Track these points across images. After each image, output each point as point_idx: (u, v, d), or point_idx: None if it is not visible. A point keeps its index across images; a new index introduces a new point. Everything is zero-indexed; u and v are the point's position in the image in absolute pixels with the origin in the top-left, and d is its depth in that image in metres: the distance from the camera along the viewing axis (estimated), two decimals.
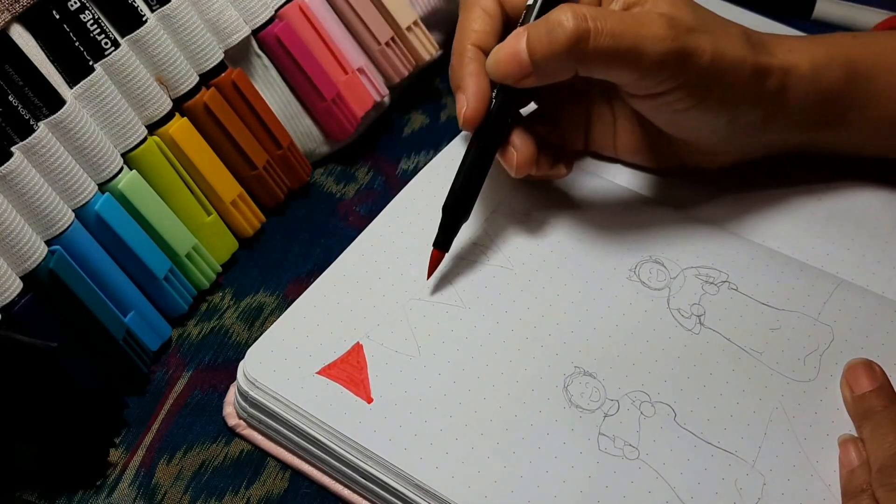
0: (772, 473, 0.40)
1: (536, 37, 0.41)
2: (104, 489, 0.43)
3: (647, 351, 0.44)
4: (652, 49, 0.41)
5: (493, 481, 0.39)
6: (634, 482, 0.40)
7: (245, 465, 0.44)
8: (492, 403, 0.42)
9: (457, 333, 0.44)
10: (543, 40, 0.41)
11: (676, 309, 0.45)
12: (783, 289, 0.46)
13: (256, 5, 0.52)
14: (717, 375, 0.43)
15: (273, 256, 0.52)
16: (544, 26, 0.41)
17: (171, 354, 0.48)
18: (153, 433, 0.45)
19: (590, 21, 0.41)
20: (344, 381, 0.42)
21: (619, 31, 0.41)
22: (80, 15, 0.45)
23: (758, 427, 0.42)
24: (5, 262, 0.42)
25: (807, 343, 0.44)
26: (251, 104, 0.51)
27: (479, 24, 0.45)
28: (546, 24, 0.41)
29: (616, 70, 0.43)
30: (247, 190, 0.52)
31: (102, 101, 0.46)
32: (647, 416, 0.42)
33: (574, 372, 0.43)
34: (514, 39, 0.42)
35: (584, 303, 0.45)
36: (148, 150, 0.47)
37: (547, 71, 0.42)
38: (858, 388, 0.42)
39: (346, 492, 0.42)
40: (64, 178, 0.44)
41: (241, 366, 0.43)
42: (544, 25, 0.41)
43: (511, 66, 0.42)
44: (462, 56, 0.45)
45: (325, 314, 0.44)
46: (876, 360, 0.43)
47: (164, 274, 0.47)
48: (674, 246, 0.48)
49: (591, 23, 0.41)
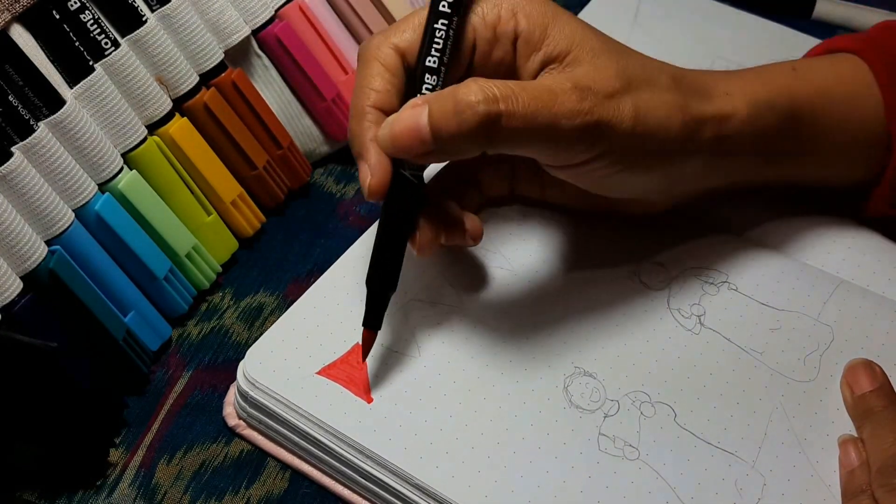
0: (772, 474, 0.40)
1: (442, 115, 0.37)
2: (104, 489, 0.43)
3: (648, 351, 0.44)
4: (566, 125, 0.38)
5: (494, 481, 0.39)
6: (634, 482, 0.40)
7: (245, 465, 0.44)
8: (492, 403, 0.42)
9: (457, 334, 0.44)
10: (451, 121, 0.37)
11: (676, 309, 0.45)
12: (783, 289, 0.46)
13: (256, 5, 0.52)
14: (717, 376, 0.43)
15: (273, 256, 0.52)
16: (452, 105, 0.37)
17: (171, 354, 0.48)
18: (153, 433, 0.45)
19: (501, 103, 0.37)
20: (344, 382, 0.42)
21: (532, 111, 0.38)
22: (80, 15, 0.45)
23: (758, 427, 0.42)
24: (5, 262, 0.41)
25: (807, 343, 0.44)
26: (251, 104, 0.51)
27: (378, 82, 0.40)
28: (454, 103, 0.37)
29: (529, 149, 0.40)
30: (247, 190, 0.52)
31: (102, 101, 0.46)
32: (647, 417, 0.42)
33: (574, 372, 0.43)
34: (413, 111, 0.38)
35: (583, 303, 0.45)
36: (148, 150, 0.47)
37: (451, 151, 0.39)
38: (858, 388, 0.42)
39: (346, 492, 0.42)
40: (64, 178, 0.44)
41: (240, 366, 0.43)
42: (452, 104, 0.37)
43: (411, 141, 0.38)
44: (361, 119, 0.40)
45: (325, 315, 0.44)
46: (876, 360, 0.43)
47: (164, 274, 0.47)
48: (674, 246, 0.48)
49: (502, 105, 0.37)
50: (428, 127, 0.38)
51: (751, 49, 0.60)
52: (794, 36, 0.62)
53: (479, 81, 0.38)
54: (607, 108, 0.39)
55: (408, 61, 0.41)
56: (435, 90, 0.40)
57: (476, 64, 0.42)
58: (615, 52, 0.41)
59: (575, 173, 0.42)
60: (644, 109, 0.40)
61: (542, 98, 0.38)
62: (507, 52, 0.42)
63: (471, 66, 0.42)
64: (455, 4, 0.40)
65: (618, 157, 0.41)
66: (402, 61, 0.41)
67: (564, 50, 0.40)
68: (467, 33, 0.41)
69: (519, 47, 0.41)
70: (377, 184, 0.39)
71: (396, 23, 0.42)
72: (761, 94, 0.44)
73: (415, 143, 0.38)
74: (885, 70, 0.46)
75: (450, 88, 0.38)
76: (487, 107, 0.37)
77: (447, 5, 0.40)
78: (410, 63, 0.41)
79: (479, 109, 0.37)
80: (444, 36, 0.40)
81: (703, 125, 0.42)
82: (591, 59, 0.40)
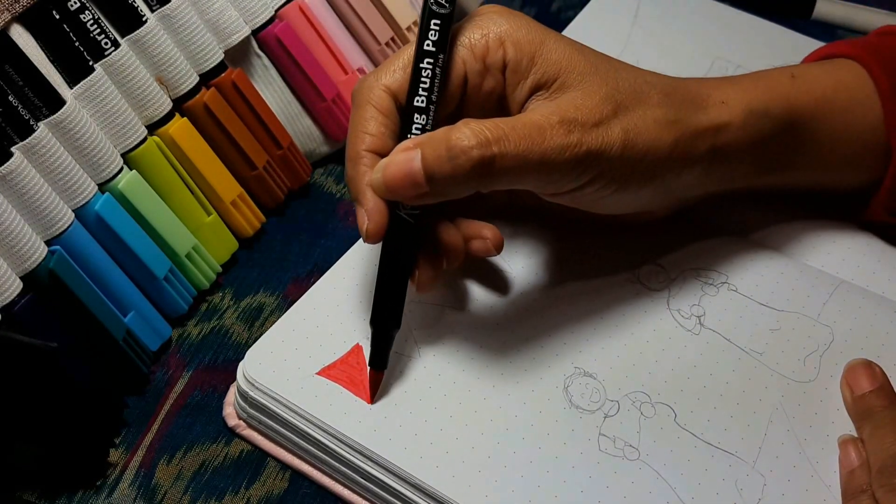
0: (772, 474, 0.40)
1: (435, 159, 0.38)
2: (104, 489, 0.43)
3: (648, 352, 0.44)
4: (556, 159, 0.39)
5: (494, 481, 0.39)
6: (635, 483, 0.40)
7: (245, 465, 0.44)
8: (492, 404, 0.42)
9: (457, 335, 0.44)
10: (445, 165, 0.38)
11: (676, 310, 0.45)
12: (783, 289, 0.46)
13: (256, 5, 0.51)
14: (717, 376, 0.43)
15: (273, 256, 0.52)
16: (445, 149, 0.38)
17: (171, 354, 0.48)
18: (153, 433, 0.45)
19: (494, 146, 0.38)
20: (344, 382, 0.42)
21: (523, 150, 0.38)
22: (80, 15, 0.45)
23: (758, 428, 0.42)
24: (5, 262, 0.41)
25: (807, 344, 0.44)
26: (251, 104, 0.51)
27: (373, 126, 0.41)
28: (447, 148, 0.38)
29: (521, 184, 0.40)
30: (247, 190, 0.52)
31: (102, 101, 0.46)
32: (647, 417, 0.42)
33: (574, 373, 0.43)
34: (406, 155, 0.38)
35: (584, 304, 0.45)
36: (148, 150, 0.47)
37: (446, 193, 0.39)
38: (858, 388, 0.42)
39: (345, 492, 0.42)
40: (64, 178, 0.44)
41: (240, 366, 0.43)
42: (445, 148, 0.38)
43: (404, 185, 0.38)
44: (357, 164, 0.41)
45: (325, 315, 0.44)
46: (876, 360, 0.43)
47: (164, 274, 0.47)
48: (673, 247, 0.48)
49: (495, 148, 0.38)
50: (422, 171, 0.38)
51: (751, 49, 0.60)
52: (793, 36, 0.62)
53: (472, 124, 0.38)
54: (595, 138, 0.40)
55: (400, 101, 0.41)
56: (425, 129, 0.40)
57: (469, 95, 0.42)
58: (603, 73, 0.41)
59: (570, 198, 0.42)
60: (634, 132, 0.40)
61: (531, 136, 0.38)
62: (498, 82, 0.42)
63: (463, 97, 0.42)
64: (439, 43, 0.40)
65: (610, 180, 0.41)
66: (394, 102, 0.41)
67: (552, 76, 0.41)
68: (457, 66, 0.41)
69: (508, 76, 0.42)
70: (374, 228, 0.40)
71: (386, 62, 0.42)
72: (758, 102, 0.44)
73: (408, 186, 0.38)
74: (885, 77, 0.45)
75: (442, 131, 0.38)
76: (481, 151, 0.38)
77: (431, 44, 0.40)
78: (402, 103, 0.41)
79: (473, 155, 0.38)
80: (431, 74, 0.40)
81: (699, 137, 0.42)
82: (578, 84, 0.40)
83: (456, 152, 0.38)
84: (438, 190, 0.39)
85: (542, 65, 0.41)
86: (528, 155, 0.38)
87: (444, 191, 0.39)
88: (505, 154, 0.38)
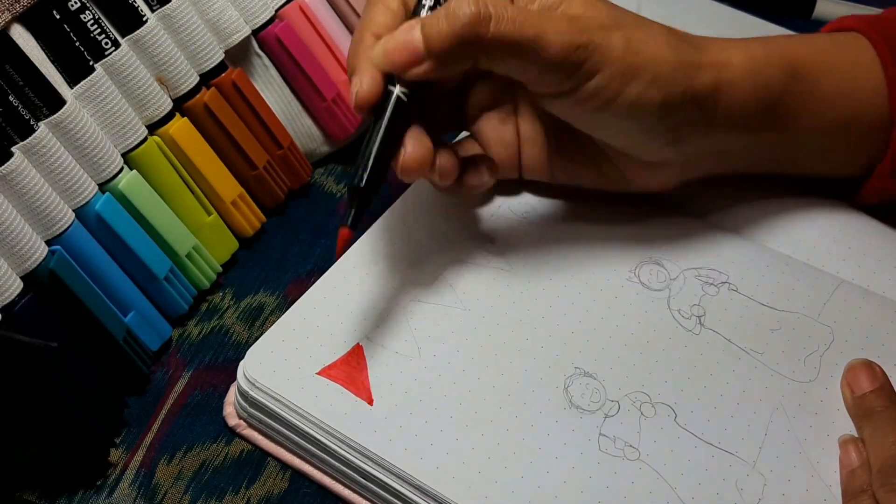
0: (772, 474, 0.40)
1: (433, 23, 0.39)
2: (104, 489, 0.43)
3: (648, 352, 0.44)
4: (555, 41, 0.40)
5: (494, 482, 0.39)
6: (635, 483, 0.40)
7: (245, 465, 0.44)
8: (492, 404, 0.42)
9: (457, 335, 0.44)
10: (442, 25, 0.39)
11: (676, 310, 0.45)
12: (783, 289, 0.46)
13: (256, 5, 0.52)
14: (718, 376, 0.43)
15: (273, 256, 0.52)
16: (443, 11, 0.40)
17: (172, 354, 0.48)
18: (153, 433, 0.45)
19: (491, 7, 0.39)
20: (344, 382, 0.42)
21: (522, 19, 0.39)
22: (80, 15, 0.45)
23: (758, 428, 0.42)
24: (6, 262, 0.41)
25: (807, 344, 0.44)
26: (251, 104, 0.51)
27: (381, 17, 0.42)
28: (445, 10, 0.40)
29: (517, 61, 0.41)
30: (247, 190, 0.52)
31: (103, 101, 0.46)
32: (647, 417, 0.42)
33: (574, 373, 0.43)
34: (407, 28, 0.40)
35: (584, 304, 0.45)
36: (148, 150, 0.47)
37: (442, 59, 0.40)
38: (859, 388, 0.42)
39: (346, 492, 0.42)
40: (64, 178, 0.44)
41: (241, 366, 0.43)
42: (443, 11, 0.40)
43: (404, 53, 0.40)
44: (360, 43, 0.42)
45: (326, 315, 0.44)
46: (876, 360, 0.43)
47: (165, 274, 0.47)
48: (673, 247, 0.48)
49: (492, 9, 0.39)
50: (420, 39, 0.39)
51: None
52: None
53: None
54: (597, 34, 0.40)
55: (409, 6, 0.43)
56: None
57: None
58: (608, 2, 0.42)
59: (569, 104, 0.42)
60: (636, 43, 0.41)
61: (530, 13, 0.40)
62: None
63: None
64: None
65: (609, 79, 0.41)
66: (404, 6, 0.43)
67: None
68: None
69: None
70: (364, 93, 0.40)
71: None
72: (759, 52, 0.44)
73: (407, 54, 0.40)
74: (888, 47, 0.46)
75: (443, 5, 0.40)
76: (477, 7, 0.39)
77: None
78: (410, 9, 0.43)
79: (468, 10, 0.39)
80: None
81: (699, 70, 0.42)
82: (583, 4, 0.41)
83: (451, 10, 0.39)
84: (436, 56, 0.40)
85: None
86: (526, 24, 0.39)
87: (440, 58, 0.40)
88: (501, 17, 0.39)
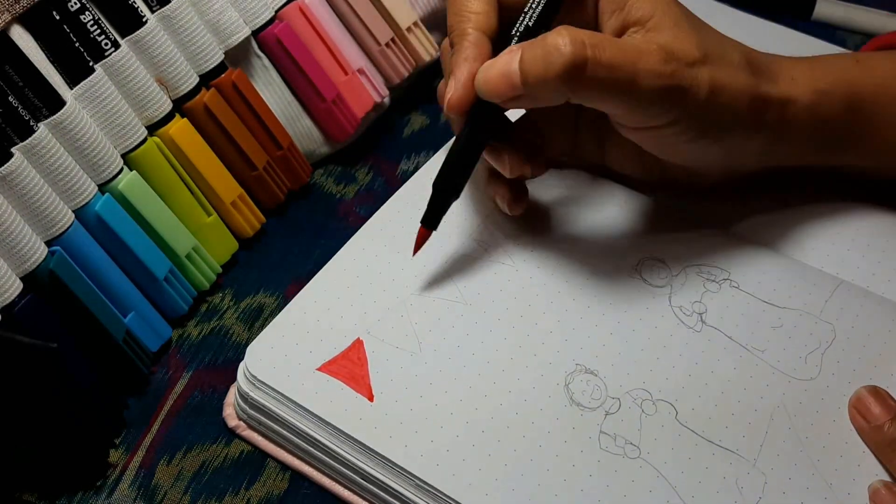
0: (773, 472, 0.40)
1: (531, 59, 0.40)
2: (104, 489, 0.43)
3: (649, 349, 0.44)
4: (648, 84, 0.40)
5: (494, 479, 0.39)
6: (635, 481, 0.40)
7: (245, 465, 0.43)
8: (493, 401, 0.42)
9: (458, 330, 0.44)
10: (539, 64, 0.39)
11: (678, 307, 0.45)
12: (784, 287, 0.46)
13: (256, 6, 0.52)
14: (719, 373, 0.43)
15: (273, 257, 0.52)
16: (541, 49, 0.39)
17: (171, 355, 0.48)
18: (153, 434, 0.44)
19: (588, 49, 0.39)
20: (344, 378, 0.42)
21: (617, 62, 0.39)
22: (80, 16, 0.45)
23: (759, 426, 0.41)
24: (5, 262, 0.41)
25: (808, 341, 0.44)
26: (251, 105, 0.51)
27: (476, 4, 0.43)
28: (543, 48, 0.39)
29: (609, 102, 0.41)
30: (247, 190, 0.52)
31: (102, 101, 0.46)
32: (648, 415, 0.42)
33: (575, 369, 0.43)
34: (508, 57, 0.40)
35: (585, 300, 0.45)
36: (148, 150, 0.47)
37: (538, 96, 0.41)
38: (874, 418, 0.41)
39: (346, 492, 0.42)
40: (64, 179, 0.44)
41: (241, 367, 0.43)
42: (541, 48, 0.40)
43: (502, 86, 0.41)
44: (462, 39, 0.43)
45: (325, 310, 0.44)
46: (877, 359, 0.43)
47: (164, 275, 0.47)
48: (675, 244, 0.48)
49: (589, 51, 0.39)
50: (518, 71, 0.40)
51: None
52: (794, 36, 0.62)
53: (570, 28, 0.40)
54: (688, 75, 0.41)
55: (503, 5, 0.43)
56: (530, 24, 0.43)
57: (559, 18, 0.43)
58: (694, 25, 0.43)
59: (647, 136, 0.44)
60: (720, 83, 0.42)
61: (628, 52, 0.40)
62: (591, 12, 0.43)
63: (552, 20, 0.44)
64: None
65: (690, 125, 0.42)
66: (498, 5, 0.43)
67: (647, 14, 0.42)
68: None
69: (602, 4, 0.43)
70: (458, 99, 0.42)
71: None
72: (824, 83, 0.45)
73: (505, 87, 0.40)
74: None
75: (543, 35, 0.40)
76: (574, 49, 0.39)
77: None
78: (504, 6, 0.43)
79: (566, 51, 0.39)
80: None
81: (769, 105, 0.44)
82: (672, 28, 0.42)
83: (550, 50, 0.39)
84: (531, 91, 0.40)
85: (641, 1, 0.42)
86: (621, 69, 0.40)
87: (536, 93, 0.40)
88: (598, 60, 0.39)
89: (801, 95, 0.44)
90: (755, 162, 0.47)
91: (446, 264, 0.46)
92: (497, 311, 0.45)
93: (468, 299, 0.45)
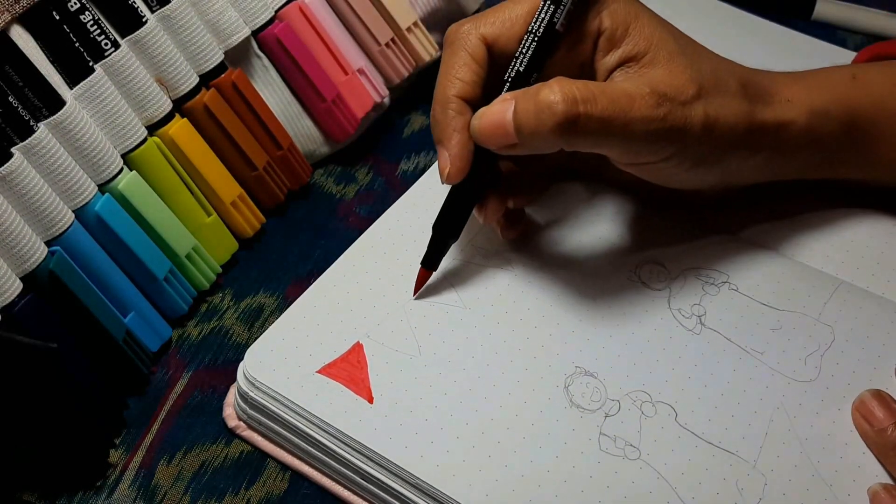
0: (773, 473, 0.40)
1: (524, 113, 0.40)
2: (104, 489, 0.43)
3: (648, 351, 0.44)
4: (641, 129, 0.40)
5: (494, 480, 0.39)
6: (635, 482, 0.40)
7: (245, 465, 0.43)
8: (493, 403, 0.42)
9: (457, 333, 0.44)
10: (531, 119, 0.40)
11: (677, 309, 0.45)
12: (783, 289, 0.46)
13: (256, 6, 0.52)
14: (718, 375, 0.43)
15: (273, 257, 0.52)
16: (533, 105, 0.40)
17: (171, 355, 0.48)
18: (153, 434, 0.45)
19: (580, 105, 0.39)
20: (344, 380, 0.42)
21: (608, 114, 0.39)
22: (80, 16, 0.45)
23: (759, 427, 0.41)
24: (5, 262, 0.41)
25: (808, 343, 0.44)
26: (251, 105, 0.51)
27: (464, 72, 0.43)
28: (536, 104, 0.39)
29: (603, 149, 0.42)
30: (247, 191, 0.52)
31: (102, 101, 0.46)
32: (648, 416, 0.42)
33: (575, 372, 0.43)
34: (501, 107, 0.40)
35: (585, 303, 0.45)
36: (148, 150, 0.47)
37: (532, 147, 0.41)
38: (877, 421, 0.41)
39: (345, 493, 0.42)
40: (64, 179, 0.44)
41: (240, 367, 0.43)
42: (534, 104, 0.40)
43: (496, 136, 0.41)
44: (446, 108, 0.43)
45: (326, 313, 0.44)
46: (876, 360, 0.43)
47: (164, 275, 0.47)
48: (674, 247, 0.48)
49: (581, 107, 0.39)
50: (512, 123, 0.40)
51: (751, 49, 0.59)
52: (794, 36, 0.62)
53: (563, 82, 0.40)
54: (680, 115, 0.41)
55: (494, 52, 0.43)
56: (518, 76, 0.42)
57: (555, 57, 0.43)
58: (690, 56, 0.42)
59: (643, 169, 0.44)
60: (714, 116, 0.42)
61: (619, 102, 0.40)
62: (588, 48, 0.43)
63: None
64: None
65: (685, 158, 0.42)
66: (486, 52, 0.43)
67: (642, 50, 0.42)
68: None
69: (599, 43, 0.43)
70: (455, 171, 0.43)
71: (485, 12, 0.44)
72: (820, 102, 0.45)
73: (500, 136, 0.41)
74: None
75: (536, 86, 0.40)
76: (567, 107, 0.39)
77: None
78: (495, 54, 0.43)
79: (558, 111, 0.39)
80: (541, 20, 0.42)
81: (765, 131, 0.44)
82: (666, 63, 0.42)
83: (542, 107, 0.39)
84: (526, 143, 0.41)
85: (635, 38, 0.42)
86: (614, 120, 0.40)
87: (530, 144, 0.41)
88: (590, 115, 0.39)
89: (797, 117, 0.44)
90: (754, 177, 0.47)
91: (446, 269, 0.46)
92: (496, 314, 0.45)
93: (467, 303, 0.45)
